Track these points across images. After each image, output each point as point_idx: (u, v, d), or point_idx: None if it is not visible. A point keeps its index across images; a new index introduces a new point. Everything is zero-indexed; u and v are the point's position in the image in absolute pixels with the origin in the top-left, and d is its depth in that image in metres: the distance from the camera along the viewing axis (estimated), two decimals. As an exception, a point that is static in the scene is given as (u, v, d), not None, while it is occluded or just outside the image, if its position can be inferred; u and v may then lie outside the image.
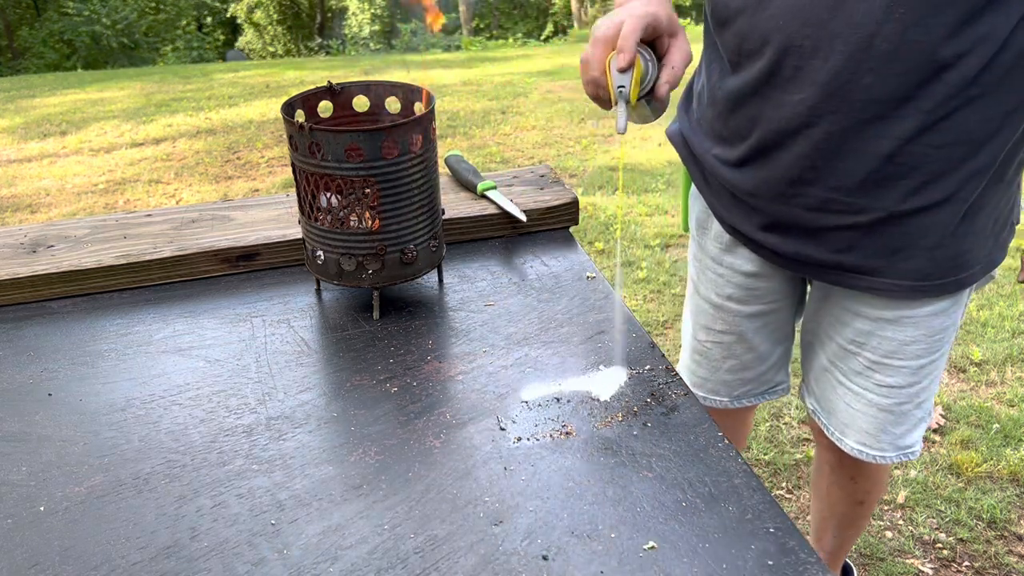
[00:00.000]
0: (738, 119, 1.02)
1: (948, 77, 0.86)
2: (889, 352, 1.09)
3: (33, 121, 6.38)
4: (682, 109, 1.20)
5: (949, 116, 0.88)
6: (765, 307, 1.21)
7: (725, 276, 1.20)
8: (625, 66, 0.83)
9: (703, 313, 1.26)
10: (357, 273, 0.96)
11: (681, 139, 1.18)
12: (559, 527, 0.68)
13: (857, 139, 0.92)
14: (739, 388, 1.31)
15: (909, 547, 1.82)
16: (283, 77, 8.20)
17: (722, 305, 1.22)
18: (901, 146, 0.91)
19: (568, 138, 5.13)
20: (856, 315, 1.09)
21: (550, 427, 0.80)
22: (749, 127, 1.01)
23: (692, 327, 1.31)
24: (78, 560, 0.66)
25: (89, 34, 17.30)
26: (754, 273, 1.17)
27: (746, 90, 0.99)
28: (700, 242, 1.23)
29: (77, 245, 1.10)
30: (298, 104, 0.97)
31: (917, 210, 0.95)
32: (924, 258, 0.98)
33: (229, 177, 4.71)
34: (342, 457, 0.77)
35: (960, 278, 1.01)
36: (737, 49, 0.98)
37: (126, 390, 0.87)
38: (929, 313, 1.05)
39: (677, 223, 3.61)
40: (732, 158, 1.05)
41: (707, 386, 1.32)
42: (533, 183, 1.24)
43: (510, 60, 9.36)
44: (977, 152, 0.91)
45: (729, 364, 1.28)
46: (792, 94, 0.93)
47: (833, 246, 1.01)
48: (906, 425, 1.15)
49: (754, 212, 1.07)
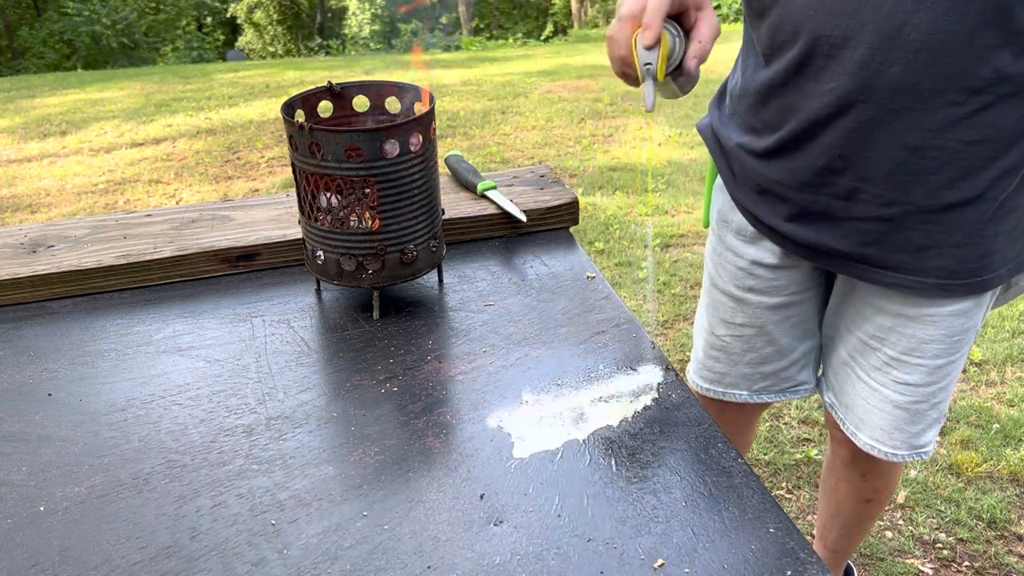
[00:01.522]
0: (770, 110, 1.02)
1: (980, 71, 0.85)
2: (908, 349, 1.08)
3: (33, 121, 6.38)
4: (714, 104, 1.20)
5: (981, 111, 0.87)
6: (787, 299, 1.20)
7: (747, 269, 1.19)
8: (652, 43, 0.83)
9: (721, 307, 1.25)
10: (357, 273, 0.96)
11: (711, 132, 1.18)
12: (559, 527, 0.68)
13: (886, 130, 0.91)
14: (759, 382, 1.29)
15: (909, 547, 1.82)
16: (283, 77, 8.20)
17: (743, 298, 1.21)
18: (930, 139, 0.90)
19: (568, 138, 5.13)
20: (878, 310, 1.09)
21: (550, 427, 0.80)
22: (781, 118, 1.01)
23: (708, 322, 1.29)
24: (78, 560, 0.66)
25: (89, 34, 17.31)
26: (777, 265, 1.16)
27: (778, 81, 0.99)
28: (720, 236, 1.22)
29: (77, 245, 1.10)
30: (298, 104, 0.97)
31: (945, 207, 0.94)
32: (950, 256, 0.98)
33: (229, 177, 4.71)
34: (342, 457, 0.77)
35: (985, 279, 1.00)
36: (770, 41, 0.98)
37: (126, 390, 0.87)
38: (950, 313, 1.04)
39: (677, 223, 3.61)
40: (762, 148, 1.05)
41: (725, 380, 1.30)
42: (533, 183, 1.24)
43: (510, 60, 9.36)
44: (1008, 150, 0.90)
45: (749, 357, 1.26)
46: (823, 83, 0.93)
47: (859, 238, 1.01)
48: (921, 425, 1.14)
49: (780, 202, 1.07)
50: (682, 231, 3.51)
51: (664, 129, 5.13)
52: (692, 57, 0.85)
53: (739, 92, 1.09)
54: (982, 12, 0.82)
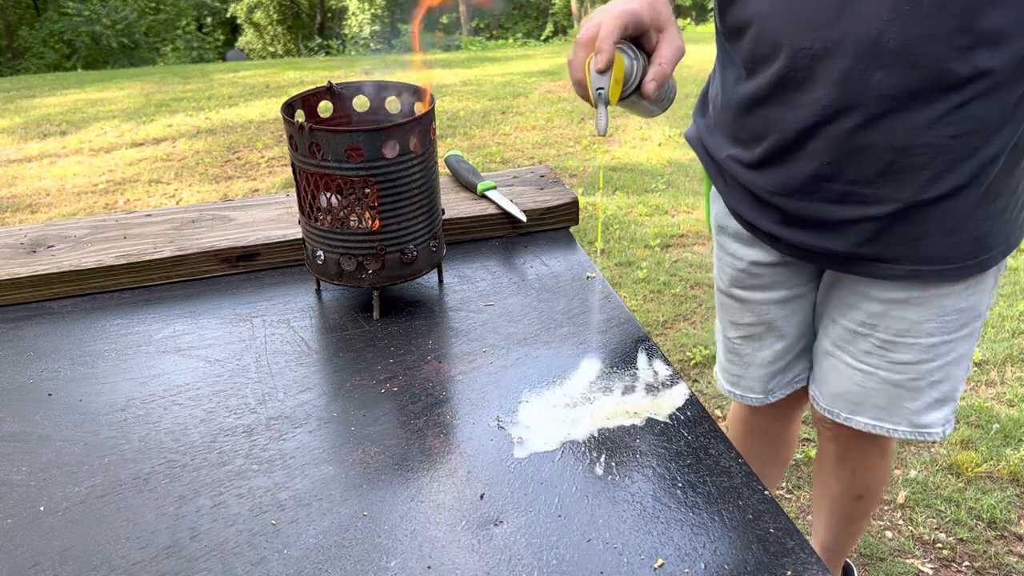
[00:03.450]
0: (755, 121, 1.04)
1: (960, 70, 0.87)
2: (901, 331, 1.09)
3: (33, 121, 6.38)
4: (698, 113, 1.22)
5: (963, 106, 0.89)
6: (790, 292, 1.22)
7: (746, 270, 1.21)
8: (603, 67, 0.82)
9: (729, 309, 1.28)
10: (357, 273, 0.96)
11: (699, 142, 1.20)
12: (559, 527, 0.68)
13: (873, 133, 0.93)
14: (770, 382, 1.32)
15: (909, 547, 1.82)
16: (283, 77, 8.20)
17: (747, 297, 1.24)
18: (916, 138, 0.92)
19: (568, 138, 5.13)
20: (866, 298, 1.10)
21: (550, 427, 0.80)
22: (766, 129, 1.02)
23: (722, 326, 1.32)
24: (78, 560, 0.66)
25: (89, 34, 17.30)
26: (776, 263, 1.18)
27: (761, 94, 1.00)
28: (720, 240, 1.25)
29: (77, 245, 1.10)
30: (298, 104, 0.97)
31: (936, 198, 0.96)
32: (944, 244, 1.00)
33: (229, 177, 4.71)
34: (342, 457, 0.77)
35: (981, 260, 1.02)
36: (751, 56, 1.00)
37: (126, 390, 0.87)
38: (940, 293, 1.05)
39: (677, 223, 3.61)
40: (750, 159, 1.07)
41: (742, 384, 1.34)
42: (533, 183, 1.24)
43: (510, 60, 9.36)
44: (991, 139, 0.92)
45: (760, 357, 1.29)
46: (807, 94, 0.95)
47: (854, 239, 1.02)
48: (920, 402, 1.15)
49: (773, 209, 1.08)
50: (682, 231, 3.51)
51: (664, 129, 5.13)
52: (651, 80, 0.84)
53: (721, 104, 1.11)
54: (955, 15, 0.84)
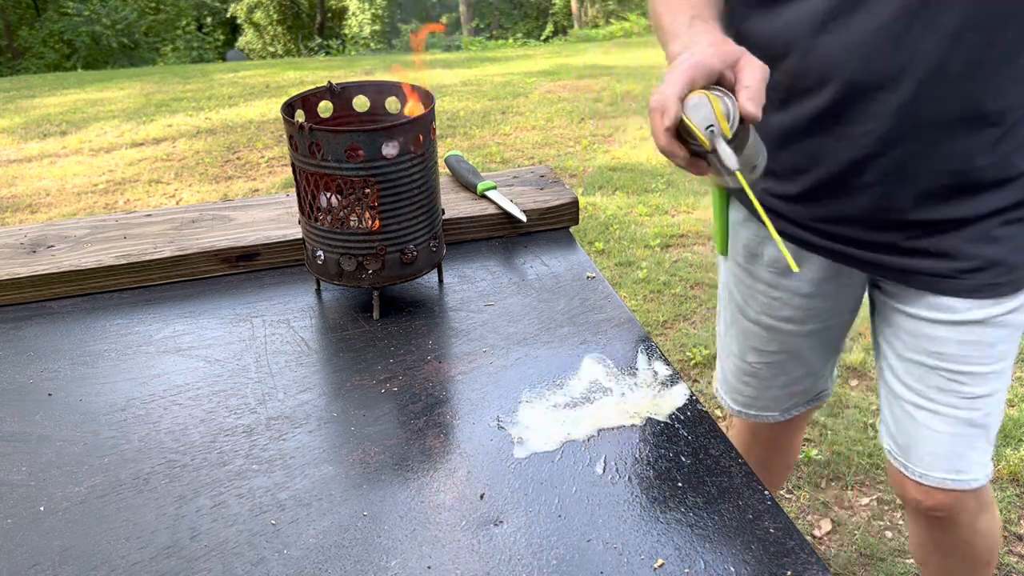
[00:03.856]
0: (793, 155, 1.00)
1: (1020, 88, 0.87)
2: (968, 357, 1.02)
3: (33, 121, 6.38)
4: None
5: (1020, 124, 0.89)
6: (822, 325, 1.19)
7: (782, 299, 1.17)
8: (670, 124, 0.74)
9: (753, 336, 1.24)
10: (357, 273, 0.96)
11: None
12: (559, 527, 0.68)
13: (930, 160, 0.92)
14: (788, 402, 1.31)
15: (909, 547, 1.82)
16: (283, 77, 8.20)
17: (776, 327, 1.20)
18: (973, 161, 0.91)
19: (568, 138, 5.13)
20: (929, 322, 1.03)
21: (550, 427, 0.80)
22: (808, 163, 0.99)
23: (740, 350, 1.28)
24: (78, 560, 0.66)
25: (89, 34, 17.30)
26: (813, 294, 1.15)
27: (801, 127, 0.97)
28: (750, 270, 1.19)
29: (77, 245, 1.10)
30: (298, 104, 0.97)
31: (992, 212, 0.95)
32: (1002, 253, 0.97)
33: (229, 177, 4.71)
34: (342, 457, 0.77)
35: None
36: (788, 87, 0.95)
37: (126, 390, 0.87)
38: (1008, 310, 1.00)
39: (677, 223, 3.60)
40: (790, 193, 1.03)
41: (757, 404, 1.32)
42: (533, 183, 1.24)
43: (510, 60, 9.36)
44: None
45: (781, 380, 1.27)
46: (858, 127, 0.92)
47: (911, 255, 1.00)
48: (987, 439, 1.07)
49: (823, 236, 1.05)
50: (682, 231, 3.51)
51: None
52: (747, 100, 0.75)
53: None
54: (1015, 39, 0.84)
